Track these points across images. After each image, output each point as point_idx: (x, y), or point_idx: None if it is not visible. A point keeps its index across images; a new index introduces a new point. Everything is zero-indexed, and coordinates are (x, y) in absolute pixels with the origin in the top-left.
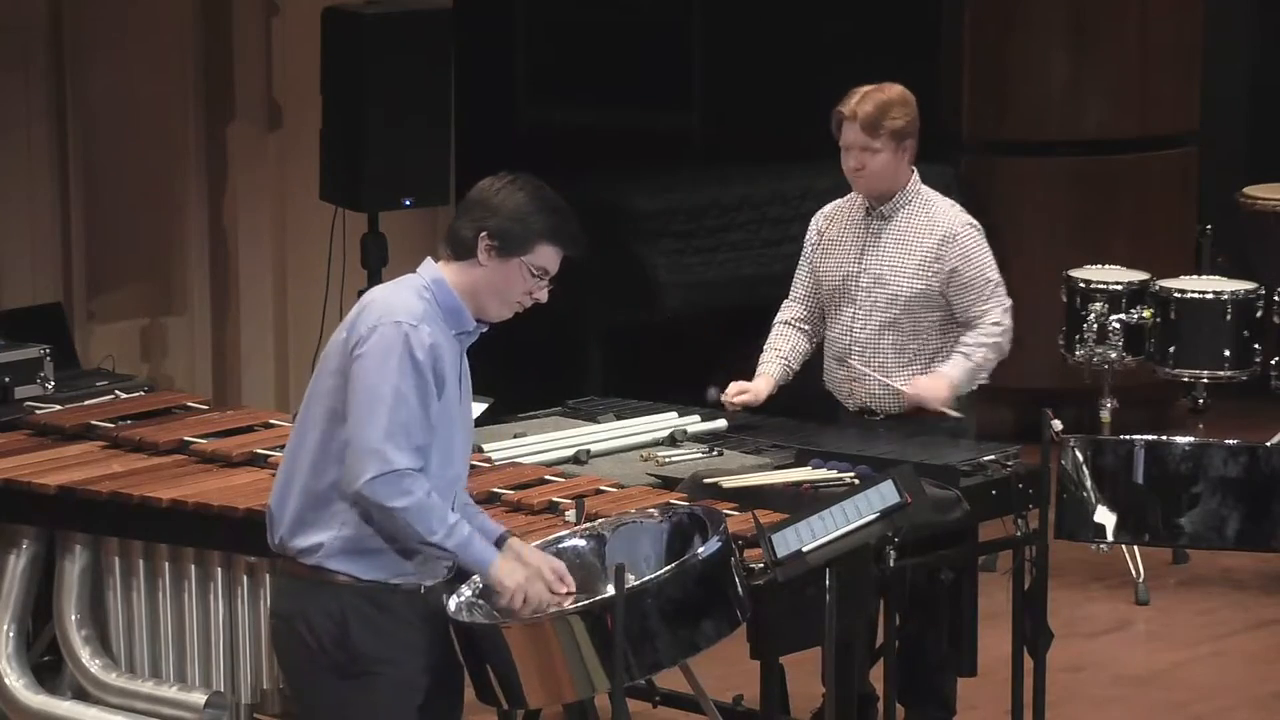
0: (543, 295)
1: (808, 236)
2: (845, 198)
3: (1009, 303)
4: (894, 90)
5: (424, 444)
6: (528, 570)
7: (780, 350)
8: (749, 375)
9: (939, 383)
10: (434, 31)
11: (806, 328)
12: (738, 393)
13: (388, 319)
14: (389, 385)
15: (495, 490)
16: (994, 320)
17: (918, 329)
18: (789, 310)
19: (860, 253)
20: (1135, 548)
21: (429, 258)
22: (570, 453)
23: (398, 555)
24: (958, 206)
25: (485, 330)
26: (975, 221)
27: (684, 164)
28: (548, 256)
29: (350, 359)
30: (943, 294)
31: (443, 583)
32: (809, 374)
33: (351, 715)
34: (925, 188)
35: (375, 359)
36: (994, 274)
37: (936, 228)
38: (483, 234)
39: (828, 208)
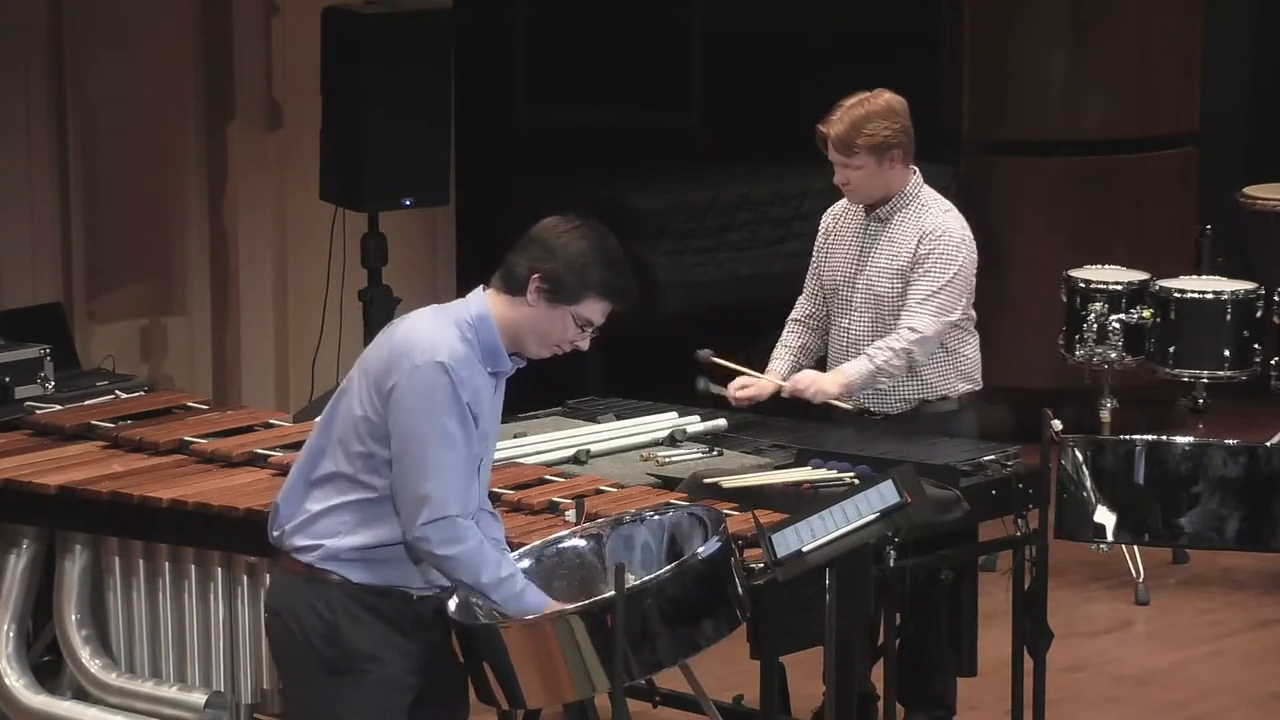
0: (584, 344)
1: (818, 234)
2: None
3: (949, 318)
4: (877, 102)
5: (469, 485)
6: None
7: (790, 347)
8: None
9: (832, 378)
10: (434, 31)
11: (815, 324)
12: (740, 388)
13: (428, 358)
14: (436, 429)
15: (495, 490)
16: (912, 326)
17: None
18: (800, 308)
19: (858, 254)
20: (1135, 548)
21: (480, 286)
22: (570, 453)
23: (397, 566)
24: (953, 212)
25: (522, 366)
26: (966, 233)
27: (684, 164)
28: (595, 310)
29: (388, 394)
30: None
31: (437, 592)
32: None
33: (339, 711)
34: (927, 190)
35: (420, 401)
36: (942, 285)
37: (922, 229)
38: (535, 275)
39: (837, 206)
